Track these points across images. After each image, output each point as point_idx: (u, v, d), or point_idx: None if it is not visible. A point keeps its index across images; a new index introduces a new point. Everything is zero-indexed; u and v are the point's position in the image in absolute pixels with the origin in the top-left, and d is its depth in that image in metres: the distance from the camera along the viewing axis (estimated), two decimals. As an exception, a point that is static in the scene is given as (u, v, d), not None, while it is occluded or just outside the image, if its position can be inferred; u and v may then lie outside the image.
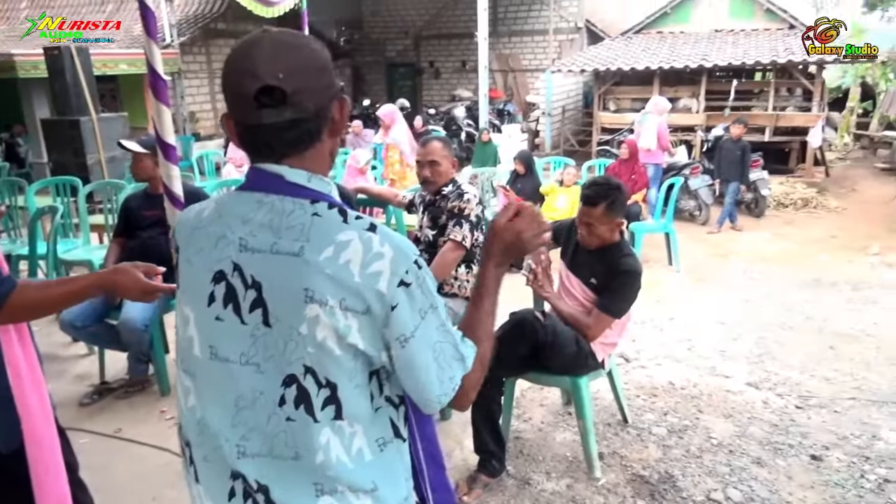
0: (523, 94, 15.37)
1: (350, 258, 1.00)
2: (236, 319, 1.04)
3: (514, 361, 2.78)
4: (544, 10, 14.70)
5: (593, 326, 2.76)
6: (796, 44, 11.25)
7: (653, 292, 5.66)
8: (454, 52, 16.55)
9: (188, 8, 13.44)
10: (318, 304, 0.99)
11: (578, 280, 2.88)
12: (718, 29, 13.02)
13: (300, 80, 1.01)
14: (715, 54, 11.21)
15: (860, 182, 10.89)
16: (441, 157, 3.18)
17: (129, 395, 3.73)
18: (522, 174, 6.73)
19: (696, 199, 8.42)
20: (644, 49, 12.33)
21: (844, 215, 8.92)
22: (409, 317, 1.02)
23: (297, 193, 1.05)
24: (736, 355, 4.30)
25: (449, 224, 3.09)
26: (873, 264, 6.62)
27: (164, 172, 2.98)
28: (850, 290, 5.75)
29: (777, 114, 10.92)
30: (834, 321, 4.96)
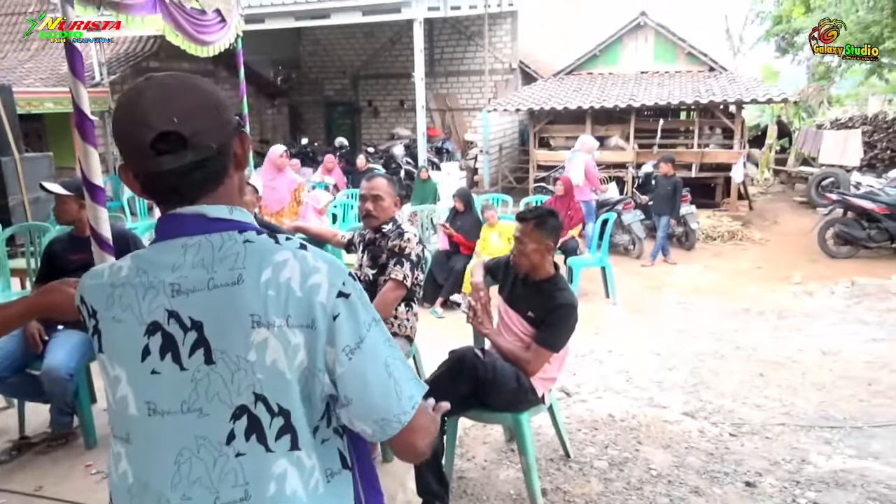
0: (461, 133, 15.64)
1: (290, 276, 1.01)
2: (174, 368, 1.02)
3: (456, 400, 2.76)
4: (479, 52, 15.11)
5: (532, 361, 2.78)
6: (717, 85, 11.93)
7: (591, 325, 5.77)
8: (392, 91, 16.75)
9: (119, 47, 13.18)
10: (265, 328, 0.99)
11: (517, 314, 2.92)
12: (644, 71, 13.66)
13: (197, 122, 1.01)
14: (642, 95, 11.73)
15: (781, 215, 11.50)
16: (385, 193, 3.19)
17: (52, 449, 3.51)
18: (462, 211, 6.80)
19: (630, 233, 8.71)
20: (576, 89, 12.79)
21: (768, 247, 9.37)
22: (352, 327, 1.02)
23: (223, 227, 1.05)
24: (672, 385, 4.42)
25: (390, 263, 3.09)
26: (796, 293, 6.96)
27: (92, 215, 2.88)
28: (776, 319, 6.02)
29: (702, 151, 11.47)
30: (762, 349, 5.17)
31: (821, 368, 4.75)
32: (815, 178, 12.22)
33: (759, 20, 21.04)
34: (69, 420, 3.57)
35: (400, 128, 16.28)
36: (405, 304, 3.18)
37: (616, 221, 7.99)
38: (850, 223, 8.43)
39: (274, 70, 16.68)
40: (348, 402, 1.03)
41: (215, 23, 4.98)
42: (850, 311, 6.19)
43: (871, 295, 6.61)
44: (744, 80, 12.53)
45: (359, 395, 1.02)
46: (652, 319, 6.07)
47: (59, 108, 10.05)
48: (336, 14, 10.81)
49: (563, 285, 2.89)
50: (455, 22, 15.27)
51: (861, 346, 5.20)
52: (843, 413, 3.98)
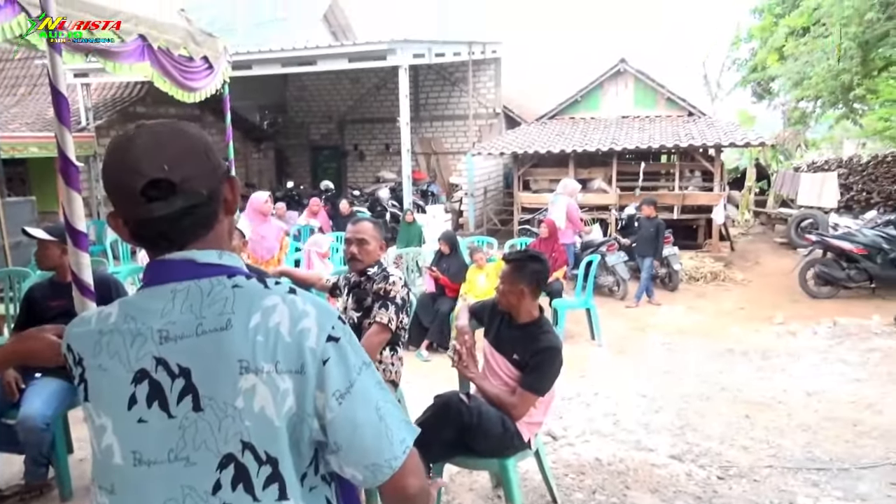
0: (446, 176, 15.81)
1: (279, 320, 1.01)
2: (162, 416, 1.01)
3: (441, 446, 2.74)
4: (463, 97, 15.39)
5: (518, 405, 2.77)
6: (696, 129, 12.21)
7: (577, 367, 5.76)
8: (378, 135, 16.95)
9: (106, 92, 13.28)
10: (253, 374, 0.98)
11: (502, 357, 2.91)
12: (625, 115, 13.97)
13: (187, 168, 1.02)
14: (623, 138, 11.97)
15: (762, 256, 11.66)
16: (370, 236, 3.21)
17: (26, 501, 3.40)
18: (447, 254, 6.83)
19: (614, 274, 8.76)
20: (558, 133, 13.03)
21: (750, 287, 9.47)
22: (342, 371, 1.02)
23: (212, 272, 1.05)
24: (659, 428, 4.40)
25: (375, 306, 3.09)
26: (779, 333, 7.01)
27: (74, 260, 2.86)
28: (760, 359, 6.04)
29: (683, 193, 11.67)
30: (747, 390, 5.18)
31: (806, 409, 4.76)
32: (794, 219, 12.44)
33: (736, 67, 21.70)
34: (44, 471, 3.48)
35: (385, 171, 16.43)
36: (390, 347, 3.17)
37: (600, 263, 8.05)
38: (829, 264, 8.55)
39: (260, 115, 16.86)
40: (338, 449, 1.02)
41: (203, 69, 5.05)
42: (832, 352, 6.24)
43: (852, 335, 6.67)
44: (722, 125, 12.85)
45: (349, 440, 1.01)
46: (637, 361, 6.07)
47: (44, 153, 10.06)
48: (322, 61, 11.00)
49: (548, 328, 2.90)
50: (440, 68, 15.58)
51: (845, 387, 5.22)
52: (829, 454, 3.98)
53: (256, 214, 5.90)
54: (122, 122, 12.47)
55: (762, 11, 19.23)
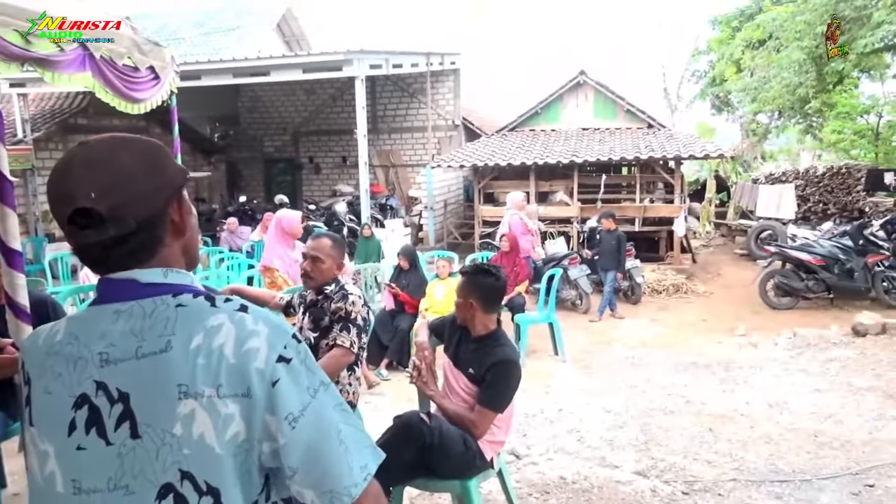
0: (405, 189, 15.83)
1: (223, 341, 0.98)
2: (101, 443, 0.98)
3: (401, 468, 2.72)
4: (422, 109, 15.48)
5: (478, 423, 2.77)
6: (656, 141, 12.51)
7: (541, 383, 5.80)
8: (334, 147, 16.90)
9: (45, 103, 12.93)
10: (192, 399, 0.96)
11: (460, 373, 2.92)
12: (585, 127, 14.25)
13: (117, 196, 0.99)
14: (584, 150, 12.19)
15: (723, 267, 11.96)
16: (326, 255, 3.18)
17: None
18: (406, 269, 6.81)
19: (577, 288, 8.87)
20: (519, 146, 13.19)
21: (712, 299, 9.70)
22: (295, 393, 0.99)
23: (156, 292, 1.03)
24: (624, 444, 4.45)
25: (335, 328, 3.06)
26: (741, 345, 7.19)
27: (8, 281, 2.76)
28: (723, 371, 6.18)
29: (644, 205, 11.91)
30: (711, 403, 5.29)
31: (769, 421, 4.88)
32: (753, 230, 12.81)
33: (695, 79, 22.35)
34: (-26, 507, 3.33)
35: (342, 184, 16.37)
36: (348, 368, 3.14)
37: (563, 277, 8.14)
38: (788, 275, 8.82)
39: (211, 126, 16.64)
40: (293, 473, 0.99)
41: (148, 80, 4.97)
42: (793, 362, 6.42)
43: (812, 345, 6.88)
44: (681, 137, 13.20)
45: (304, 465, 0.99)
46: (602, 375, 6.15)
47: (-24, 167, 9.70)
48: (276, 71, 10.93)
49: (504, 341, 2.92)
50: (397, 79, 15.65)
51: (806, 397, 5.38)
52: (791, 466, 4.08)
53: (285, 237, 5.34)
54: (61, 134, 12.15)
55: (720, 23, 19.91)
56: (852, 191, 14.52)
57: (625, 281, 9.26)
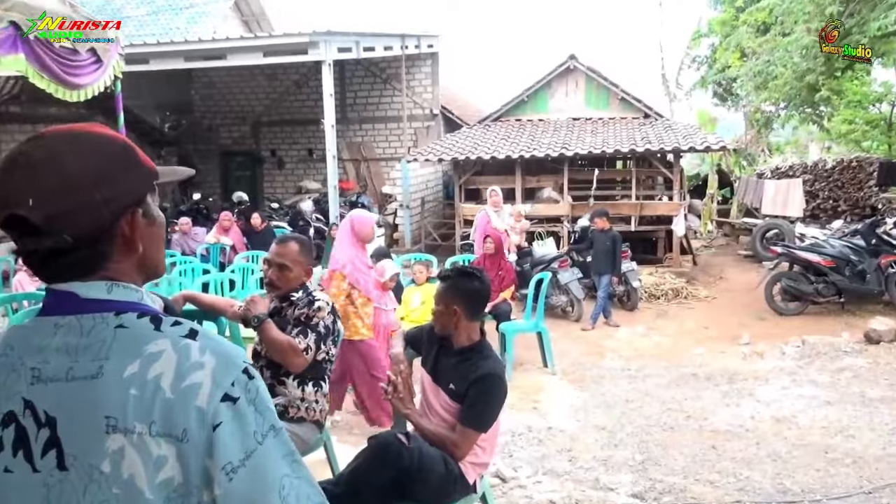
0: (378, 185, 15.81)
1: (161, 371, 0.96)
2: (27, 468, 0.96)
3: (376, 493, 2.71)
4: (396, 97, 15.48)
5: (459, 444, 2.78)
6: (653, 132, 12.64)
7: (528, 398, 5.83)
8: (299, 139, 16.82)
9: (-28, 88, 12.71)
10: (121, 434, 0.93)
11: (440, 388, 2.92)
12: (576, 117, 14.35)
13: (57, 205, 0.96)
14: (575, 143, 12.28)
15: (726, 270, 12.11)
16: (293, 261, 3.16)
17: None
18: (380, 274, 6.81)
19: (568, 294, 8.92)
20: (503, 137, 13.25)
21: (715, 305, 9.82)
22: (236, 439, 0.96)
23: (98, 308, 1.01)
24: (619, 464, 4.49)
25: (293, 332, 3.05)
26: (745, 354, 7.29)
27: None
28: (726, 384, 6.26)
29: (640, 203, 12.02)
30: (713, 418, 5.36)
31: (776, 437, 4.96)
32: (758, 229, 12.98)
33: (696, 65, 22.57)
34: None
35: (308, 180, 16.30)
36: (313, 383, 3.13)
37: (552, 281, 8.18)
38: (796, 277, 8.96)
39: (160, 116, 16.47)
40: None
41: (89, 63, 4.92)
42: (801, 373, 6.52)
43: (822, 354, 7.00)
44: (680, 128, 13.35)
45: None
46: (595, 389, 6.19)
47: None
48: (233, 55, 10.87)
49: (488, 353, 2.93)
50: (369, 64, 15.63)
51: (816, 411, 5.47)
52: (800, 485, 4.15)
53: (357, 243, 5.02)
54: (-9, 123, 11.94)
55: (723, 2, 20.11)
56: (864, 186, 14.75)
57: (620, 286, 9.33)
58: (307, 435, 3.13)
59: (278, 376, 3.10)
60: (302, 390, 3.11)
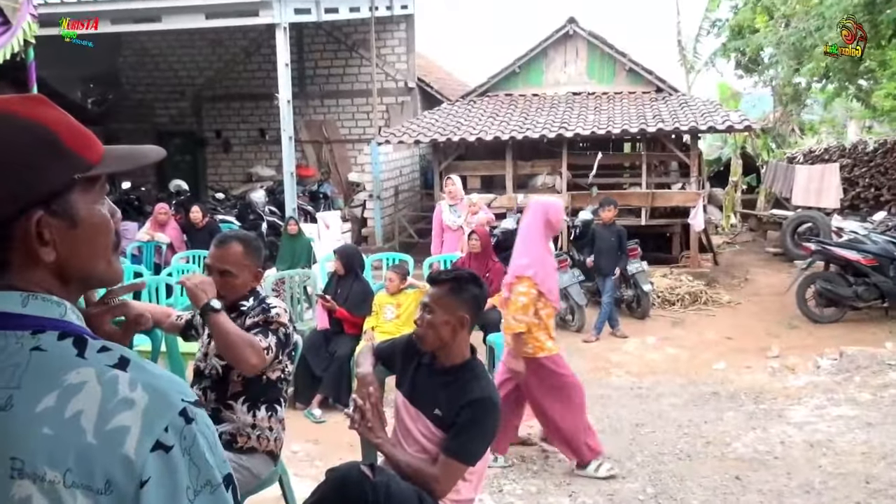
0: (343, 172, 15.78)
1: (82, 408, 0.94)
2: None
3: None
4: (365, 67, 15.43)
5: (441, 479, 2.78)
6: (667, 110, 12.70)
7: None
8: (249, 118, 16.75)
9: None
10: (30, 480, 0.92)
11: (420, 414, 2.92)
12: (576, 92, 14.40)
13: None
14: (575, 122, 12.32)
15: (753, 270, 12.22)
16: (238, 265, 3.14)
17: None
18: (345, 276, 6.80)
19: (567, 299, 8.95)
20: (491, 115, 13.26)
21: (739, 311, 9.91)
22: (165, 498, 0.95)
23: (10, 325, 1.00)
24: (627, 498, 4.52)
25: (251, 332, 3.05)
26: (774, 369, 7.36)
27: None
28: (752, 404, 6.33)
29: (652, 192, 12.07)
30: (737, 444, 5.40)
31: (809, 465, 5.01)
32: (789, 223, 13.09)
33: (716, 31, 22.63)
34: None
35: (260, 166, 16.23)
36: (266, 406, 3.12)
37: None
38: (833, 279, 9.05)
39: (84, 89, 16.30)
40: None
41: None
42: (839, 390, 6.60)
43: (862, 368, 7.08)
44: (699, 104, 13.43)
45: None
46: (599, 411, 6.21)
47: None
48: (169, 17, 10.78)
49: (480, 373, 2.94)
50: (332, 28, 15.59)
51: (855, 434, 5.53)
52: (838, 522, 4.19)
53: (549, 236, 5.06)
54: None
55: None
56: (912, 172, 14.93)
57: (628, 290, 9.39)
58: (259, 468, 3.12)
59: (225, 399, 3.09)
60: (253, 415, 3.09)
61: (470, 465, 2.82)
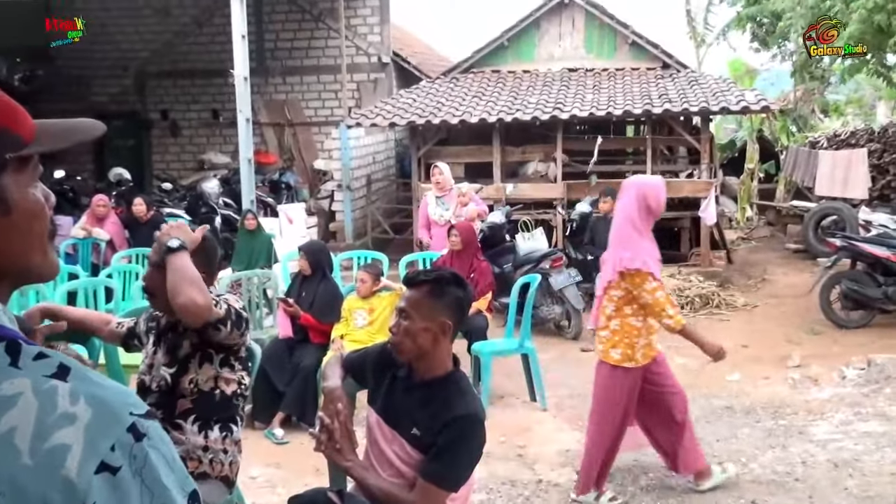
0: (308, 159, 15.73)
1: (15, 424, 0.94)
2: None
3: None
4: (333, 39, 15.40)
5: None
6: (674, 88, 12.75)
7: (512, 442, 5.85)
8: (200, 97, 16.66)
9: None
10: None
11: (396, 434, 2.92)
12: (573, 68, 14.41)
13: None
14: (571, 102, 12.34)
15: (771, 269, 12.29)
16: None
17: None
18: (311, 277, 6.78)
19: (563, 303, 8.96)
20: (477, 95, 13.27)
21: (755, 316, 9.96)
22: None
23: None
24: (630, 527, 4.53)
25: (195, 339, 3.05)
26: (795, 380, 7.40)
27: None
28: (770, 419, 6.36)
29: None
30: (754, 464, 5.44)
31: (834, 487, 5.05)
32: (811, 216, 13.17)
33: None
34: None
35: (213, 152, 16.16)
36: (220, 426, 3.11)
37: (542, 286, 8.21)
38: (860, 278, 9.11)
39: (9, 64, 16.16)
40: None
41: None
42: (867, 403, 6.65)
43: (892, 378, 7.12)
44: (710, 82, 13.50)
45: None
46: (598, 430, 6.23)
47: None
48: (109, -19, 10.73)
49: (465, 387, 2.93)
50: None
51: (884, 453, 5.58)
52: (866, 551, 4.23)
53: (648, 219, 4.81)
54: None
55: None
56: (949, 158, 15.04)
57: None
58: (212, 496, 3.10)
59: (173, 418, 3.08)
60: (205, 436, 3.08)
61: (452, 492, 2.82)
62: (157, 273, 3.06)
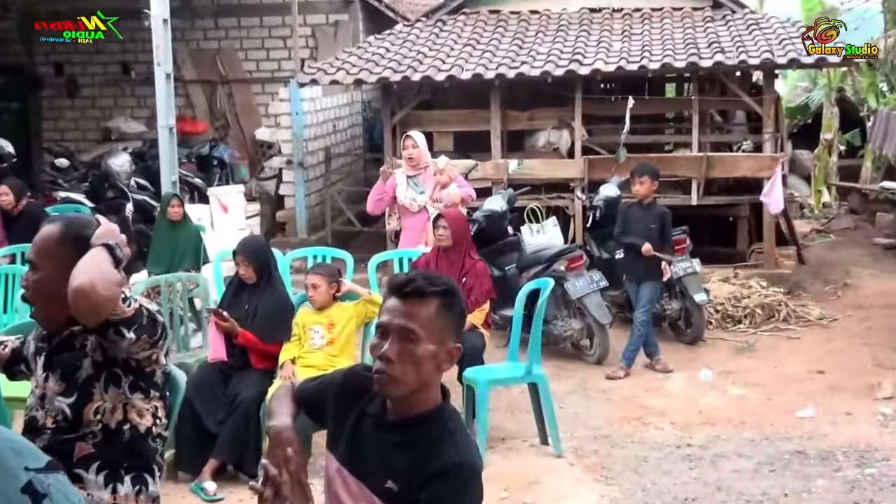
0: (248, 127, 15.71)
1: None
2: None
3: None
4: (281, -30, 15.41)
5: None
6: (728, 35, 12.74)
7: (516, 498, 5.87)
8: (106, 46, 16.59)
9: None
10: None
11: (363, 487, 2.92)
12: (594, 8, 14.36)
13: None
14: (593, 52, 12.31)
15: (854, 271, 12.26)
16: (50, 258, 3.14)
17: None
18: (253, 282, 6.77)
19: (583, 316, 8.95)
20: (469, 43, 13.23)
21: (834, 332, 9.96)
22: None
23: None
24: None
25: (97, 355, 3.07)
26: (886, 417, 7.42)
27: None
28: (854, 467, 6.38)
29: (707, 156, 12.09)
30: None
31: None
32: (908, 201, 13.25)
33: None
34: None
35: (122, 119, 16.14)
36: (133, 476, 3.11)
37: (555, 294, 8.22)
38: (972, 284, 9.18)
39: None
40: None
41: None
42: (980, 447, 6.69)
43: None
44: (774, 26, 13.42)
45: None
46: (631, 481, 6.25)
47: None
48: None
49: (455, 426, 2.92)
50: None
51: None
52: None
53: None
54: None
55: None
56: None
57: (672, 300, 9.42)
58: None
59: (71, 466, 3.07)
60: (112, 490, 3.08)
61: (439, 563, 2.83)
62: (37, 274, 3.08)
